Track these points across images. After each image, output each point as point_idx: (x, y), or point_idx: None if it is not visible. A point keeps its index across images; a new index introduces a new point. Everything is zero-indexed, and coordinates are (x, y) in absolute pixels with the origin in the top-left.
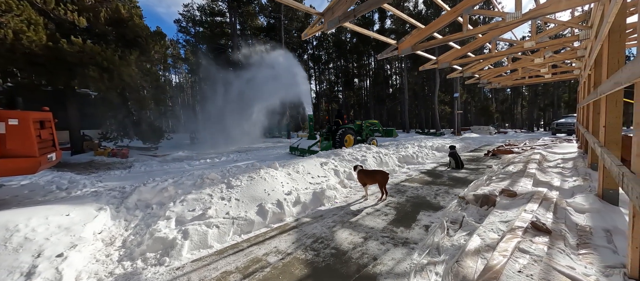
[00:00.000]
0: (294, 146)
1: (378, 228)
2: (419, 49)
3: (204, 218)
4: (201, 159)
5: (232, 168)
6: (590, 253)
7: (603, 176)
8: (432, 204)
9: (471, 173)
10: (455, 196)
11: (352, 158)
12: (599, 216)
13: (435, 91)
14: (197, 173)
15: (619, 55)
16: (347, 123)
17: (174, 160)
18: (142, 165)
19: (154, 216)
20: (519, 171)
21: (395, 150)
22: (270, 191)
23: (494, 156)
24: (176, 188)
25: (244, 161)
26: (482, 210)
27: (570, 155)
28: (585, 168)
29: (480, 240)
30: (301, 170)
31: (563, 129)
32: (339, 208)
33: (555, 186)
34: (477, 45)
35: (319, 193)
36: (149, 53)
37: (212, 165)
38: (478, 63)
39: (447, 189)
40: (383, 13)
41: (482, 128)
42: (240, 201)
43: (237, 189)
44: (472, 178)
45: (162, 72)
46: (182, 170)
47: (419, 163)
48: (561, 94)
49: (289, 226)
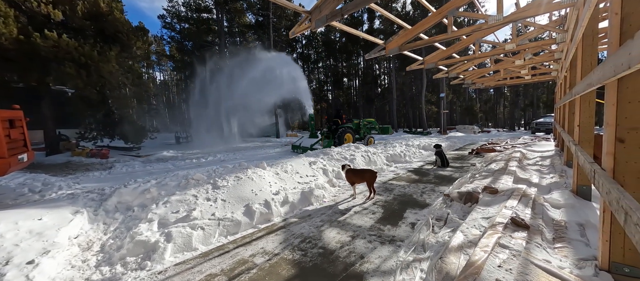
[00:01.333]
0: (296, 145)
1: (366, 226)
2: (406, 50)
3: (188, 220)
4: (187, 160)
5: (218, 168)
6: (565, 246)
7: (577, 173)
8: (419, 202)
9: (456, 171)
10: (440, 194)
11: (340, 157)
12: (573, 211)
13: (423, 91)
14: (181, 173)
15: (591, 58)
16: (346, 122)
17: (158, 160)
18: (123, 166)
19: (135, 219)
20: (500, 169)
21: (383, 149)
22: (258, 191)
23: (477, 154)
24: (159, 189)
25: (232, 161)
26: (465, 207)
27: (548, 153)
28: (562, 166)
29: (463, 236)
30: (289, 170)
31: (542, 128)
32: (327, 207)
33: (534, 183)
34: (462, 46)
35: (307, 192)
36: (131, 49)
37: (198, 165)
38: (463, 64)
39: (433, 187)
40: (372, 13)
41: (467, 127)
42: (227, 201)
43: (224, 189)
44: (456, 176)
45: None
46: (166, 171)
47: (407, 162)
48: (540, 95)
49: (277, 227)
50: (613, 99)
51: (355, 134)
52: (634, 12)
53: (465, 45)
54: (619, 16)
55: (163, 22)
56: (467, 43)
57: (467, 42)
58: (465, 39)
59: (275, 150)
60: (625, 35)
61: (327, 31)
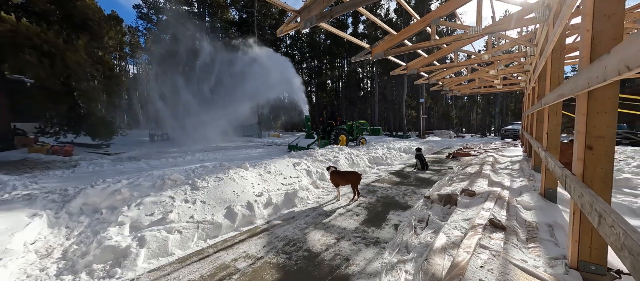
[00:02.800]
0: (293, 145)
1: (350, 228)
2: (391, 55)
3: (164, 223)
4: (162, 159)
5: (197, 168)
6: (537, 246)
7: (545, 177)
8: (401, 203)
9: (435, 173)
10: (421, 196)
11: (324, 159)
12: (542, 213)
13: (404, 96)
14: (157, 173)
15: (559, 70)
16: (340, 124)
17: (130, 159)
18: (89, 164)
19: (103, 223)
20: (476, 172)
21: (366, 151)
22: (240, 192)
23: (454, 158)
24: (131, 190)
25: (212, 161)
26: (445, 209)
27: (517, 158)
28: (530, 170)
29: (446, 237)
30: (273, 171)
31: (510, 135)
32: (311, 209)
33: (506, 186)
34: (442, 55)
35: (291, 194)
36: (102, 39)
37: (174, 165)
38: (442, 71)
39: (414, 190)
40: (356, 17)
41: (444, 132)
42: (207, 203)
43: (203, 191)
44: (436, 179)
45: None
46: (139, 170)
47: (388, 164)
48: (508, 104)
49: (260, 229)
50: (583, 110)
51: (348, 135)
52: (603, 30)
53: (445, 53)
54: (590, 33)
55: (139, 12)
56: (447, 52)
57: (447, 50)
58: (445, 47)
59: (258, 150)
60: (596, 51)
61: (312, 32)
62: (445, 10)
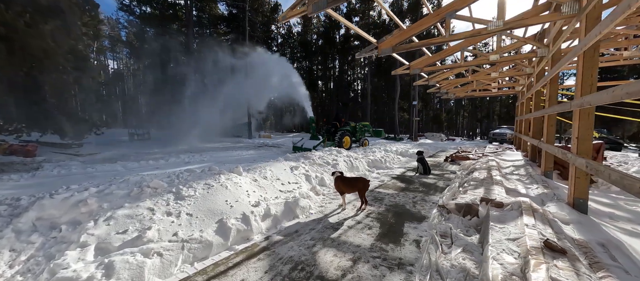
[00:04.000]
0: (297, 146)
1: (365, 245)
2: (399, 51)
3: (140, 243)
4: (142, 161)
5: (183, 173)
6: (608, 275)
7: (574, 186)
8: (414, 213)
9: (439, 178)
10: (433, 204)
11: (323, 162)
12: (584, 229)
13: (396, 98)
14: (134, 179)
15: (592, 71)
16: (344, 125)
17: (104, 161)
18: (55, 167)
19: (61, 243)
20: (486, 178)
21: (364, 154)
22: (234, 202)
23: (453, 161)
24: (101, 200)
25: (198, 164)
26: (466, 221)
27: (518, 162)
28: (540, 176)
29: (500, 266)
30: (269, 176)
31: (498, 138)
32: (315, 220)
33: (521, 193)
34: (448, 54)
35: (291, 203)
36: (74, 25)
37: (156, 168)
38: (443, 73)
39: (423, 197)
40: (349, 18)
41: (435, 135)
42: (194, 216)
43: (190, 201)
44: (442, 185)
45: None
46: (114, 175)
47: (388, 168)
48: (494, 108)
49: (258, 248)
50: None
51: (352, 137)
52: None
53: (452, 52)
54: None
55: (120, 3)
56: (455, 50)
57: (455, 49)
58: (454, 46)
59: (249, 152)
60: None
61: (304, 32)
62: (463, 2)
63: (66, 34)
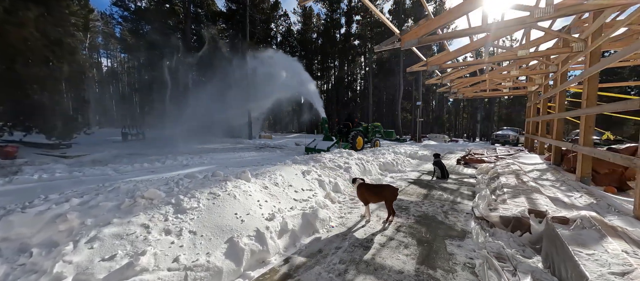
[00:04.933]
0: (310, 147)
1: (409, 272)
2: (425, 43)
3: (132, 274)
4: (136, 163)
5: (183, 179)
6: None
7: None
8: (449, 226)
9: (459, 183)
10: (467, 215)
11: (334, 165)
12: None
13: (399, 99)
14: (125, 187)
15: None
16: (357, 125)
17: (94, 164)
18: (36, 171)
19: (29, 272)
20: (518, 185)
21: (374, 157)
22: (244, 215)
23: (466, 164)
24: (84, 215)
25: (198, 167)
26: (516, 236)
27: (540, 166)
28: (576, 182)
29: None
30: (280, 182)
31: (501, 140)
32: (339, 236)
33: (566, 203)
34: (472, 49)
35: (309, 215)
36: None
37: (151, 172)
38: (458, 70)
39: (452, 205)
40: (350, 17)
41: (438, 136)
42: (199, 234)
43: (193, 214)
44: (466, 191)
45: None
46: (104, 179)
47: (400, 171)
48: (494, 110)
49: (278, 275)
50: None
51: (364, 137)
52: None
53: (476, 47)
54: None
55: None
56: (479, 45)
57: (479, 43)
58: (474, 41)
59: (251, 153)
60: None
61: (304, 31)
62: None
63: (52, 23)
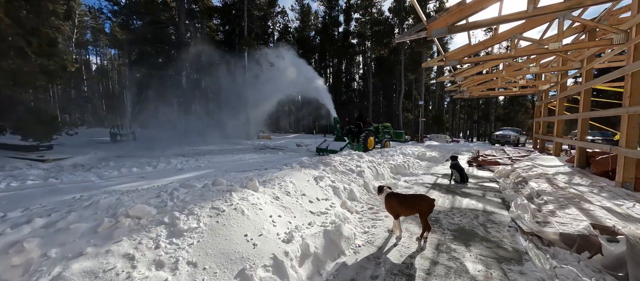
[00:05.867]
0: (321, 148)
1: None
2: (455, 32)
3: None
4: (123, 168)
5: (177, 189)
6: None
7: None
8: (497, 244)
9: (481, 189)
10: (510, 229)
11: (345, 169)
12: None
13: (400, 98)
14: (105, 201)
15: None
16: (368, 125)
17: (75, 168)
18: (6, 178)
19: None
20: (555, 191)
21: (384, 159)
22: (257, 236)
23: (479, 166)
24: (48, 242)
25: (194, 172)
26: (583, 258)
27: (563, 169)
28: (617, 188)
29: None
30: (292, 190)
31: (502, 140)
32: (371, 259)
33: (619, 212)
34: (497, 41)
35: (332, 232)
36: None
37: (141, 177)
38: (472, 67)
39: (486, 216)
40: (349, 15)
41: (440, 137)
42: (200, 267)
43: (192, 238)
44: (491, 197)
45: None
46: (84, 188)
47: (413, 175)
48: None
49: None
50: None
51: (375, 138)
52: None
53: (504, 39)
54: None
55: None
56: (506, 37)
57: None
58: (501, 33)
59: (251, 156)
60: None
61: (302, 27)
62: None
63: (27, 10)
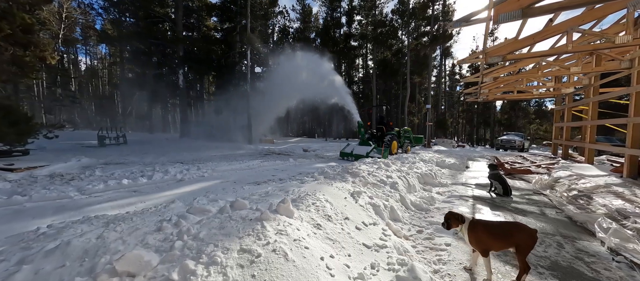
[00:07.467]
0: (346, 152)
1: None
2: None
3: None
4: (111, 179)
5: (186, 216)
6: None
7: None
8: None
9: (530, 203)
10: (617, 263)
11: (376, 180)
12: None
13: (405, 101)
14: (79, 242)
15: None
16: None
17: (52, 179)
18: None
19: None
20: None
21: (408, 167)
22: None
23: (508, 175)
24: None
25: (198, 183)
26: None
27: (610, 180)
28: None
29: None
30: (332, 213)
31: (506, 145)
32: None
33: None
34: (552, 34)
35: (406, 278)
36: None
37: (133, 192)
38: (502, 67)
39: (572, 243)
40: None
41: (446, 141)
42: None
43: None
44: (554, 215)
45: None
46: (58, 208)
47: (442, 185)
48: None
49: None
50: None
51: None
52: None
53: (556, 33)
54: None
55: None
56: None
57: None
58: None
59: (257, 162)
60: None
61: (303, 28)
62: None
63: None
